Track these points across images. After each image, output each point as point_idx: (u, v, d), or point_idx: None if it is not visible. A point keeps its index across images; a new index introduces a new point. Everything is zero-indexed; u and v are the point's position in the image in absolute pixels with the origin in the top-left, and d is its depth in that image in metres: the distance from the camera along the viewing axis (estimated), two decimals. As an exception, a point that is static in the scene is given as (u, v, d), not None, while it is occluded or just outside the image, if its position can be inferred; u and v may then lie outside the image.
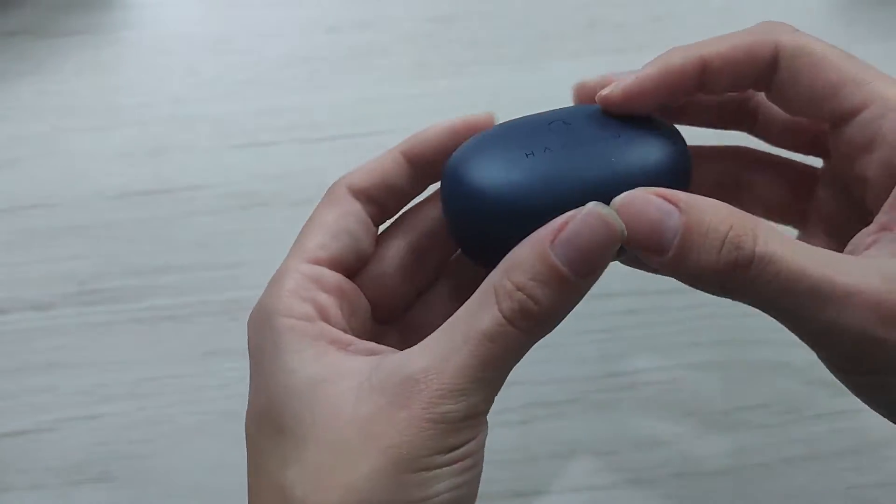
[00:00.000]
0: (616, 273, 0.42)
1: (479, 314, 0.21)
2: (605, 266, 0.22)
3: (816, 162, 0.28)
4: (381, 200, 0.26)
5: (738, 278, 0.21)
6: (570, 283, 0.21)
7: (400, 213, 0.28)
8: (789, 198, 0.28)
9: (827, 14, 0.47)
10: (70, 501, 0.39)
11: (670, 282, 0.26)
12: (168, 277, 0.41)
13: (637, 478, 0.39)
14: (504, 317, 0.21)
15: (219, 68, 0.45)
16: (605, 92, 0.25)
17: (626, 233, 0.21)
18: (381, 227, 0.28)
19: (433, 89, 0.44)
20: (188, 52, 0.45)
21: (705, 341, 0.41)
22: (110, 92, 0.44)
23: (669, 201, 0.21)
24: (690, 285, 0.22)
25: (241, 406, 0.39)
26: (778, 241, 0.21)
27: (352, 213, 0.26)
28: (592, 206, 0.21)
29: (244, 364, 0.40)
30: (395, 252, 0.27)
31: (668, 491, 0.39)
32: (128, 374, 0.40)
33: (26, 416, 0.40)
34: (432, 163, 0.26)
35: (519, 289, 0.21)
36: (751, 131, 0.28)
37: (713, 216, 0.21)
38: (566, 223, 0.21)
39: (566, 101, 0.30)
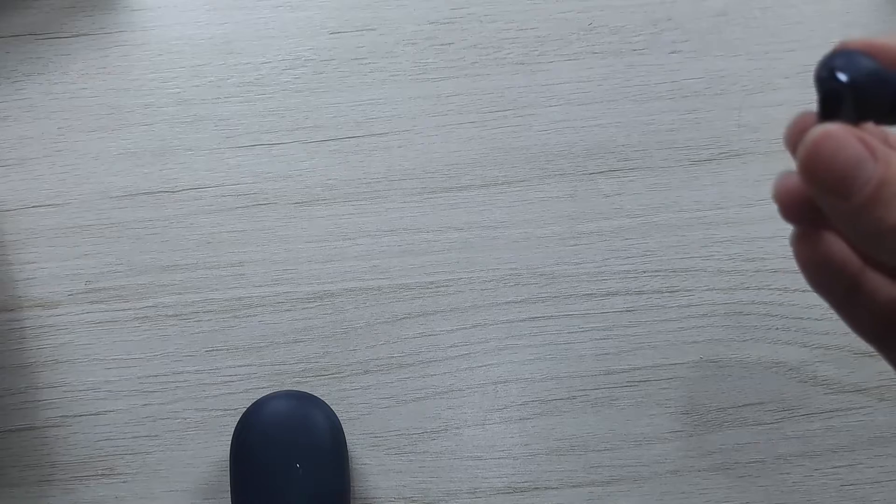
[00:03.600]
0: (615, 273, 0.42)
1: None
2: None
3: None
4: None
5: None
6: None
7: None
8: None
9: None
10: (76, 496, 0.39)
11: (668, 281, 0.27)
12: (173, 276, 0.42)
13: (635, 474, 0.40)
14: None
15: (223, 70, 0.45)
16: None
17: None
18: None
19: (434, 91, 0.45)
20: (193, 54, 0.45)
21: (702, 340, 0.41)
22: (116, 93, 0.45)
23: (867, 148, 0.20)
24: (859, 242, 0.22)
25: (244, 403, 0.40)
26: None
27: None
28: None
29: (248, 362, 0.41)
30: None
31: (665, 487, 0.40)
32: (133, 372, 0.41)
33: (33, 413, 0.40)
34: None
35: None
36: None
37: None
38: None
39: (566, 101, 0.30)
